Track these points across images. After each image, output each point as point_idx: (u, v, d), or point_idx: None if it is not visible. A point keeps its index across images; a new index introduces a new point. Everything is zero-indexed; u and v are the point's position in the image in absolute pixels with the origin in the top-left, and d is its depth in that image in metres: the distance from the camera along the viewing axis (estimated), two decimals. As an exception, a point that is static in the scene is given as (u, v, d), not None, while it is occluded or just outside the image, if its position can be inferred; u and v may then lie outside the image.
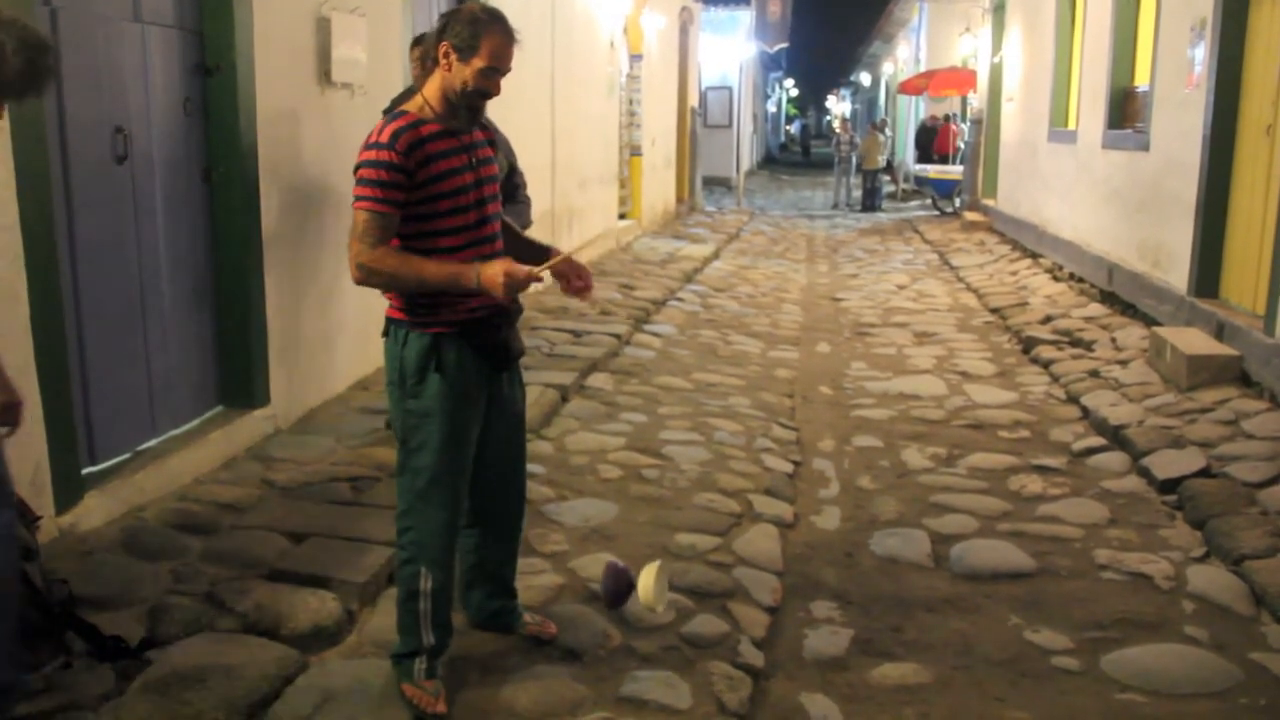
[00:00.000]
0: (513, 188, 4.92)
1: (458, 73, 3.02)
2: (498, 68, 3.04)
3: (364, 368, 6.34)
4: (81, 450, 4.24)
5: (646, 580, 3.32)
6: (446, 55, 3.02)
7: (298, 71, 5.62)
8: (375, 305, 5.00)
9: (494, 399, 3.31)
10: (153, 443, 4.77)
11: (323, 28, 5.82)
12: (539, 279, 3.06)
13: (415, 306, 3.10)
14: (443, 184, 3.04)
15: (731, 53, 25.43)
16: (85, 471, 4.28)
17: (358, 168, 3.00)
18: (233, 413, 5.24)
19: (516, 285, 2.98)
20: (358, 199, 2.98)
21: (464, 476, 3.27)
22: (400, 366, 3.13)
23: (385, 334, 3.21)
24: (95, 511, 4.20)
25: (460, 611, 3.58)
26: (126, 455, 4.59)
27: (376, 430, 5.52)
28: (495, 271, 2.96)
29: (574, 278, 3.31)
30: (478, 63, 3.00)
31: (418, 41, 4.97)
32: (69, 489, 4.10)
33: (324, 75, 5.86)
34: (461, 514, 3.32)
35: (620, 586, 3.45)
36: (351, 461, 5.04)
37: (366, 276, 3.00)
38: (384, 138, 2.96)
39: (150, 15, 4.66)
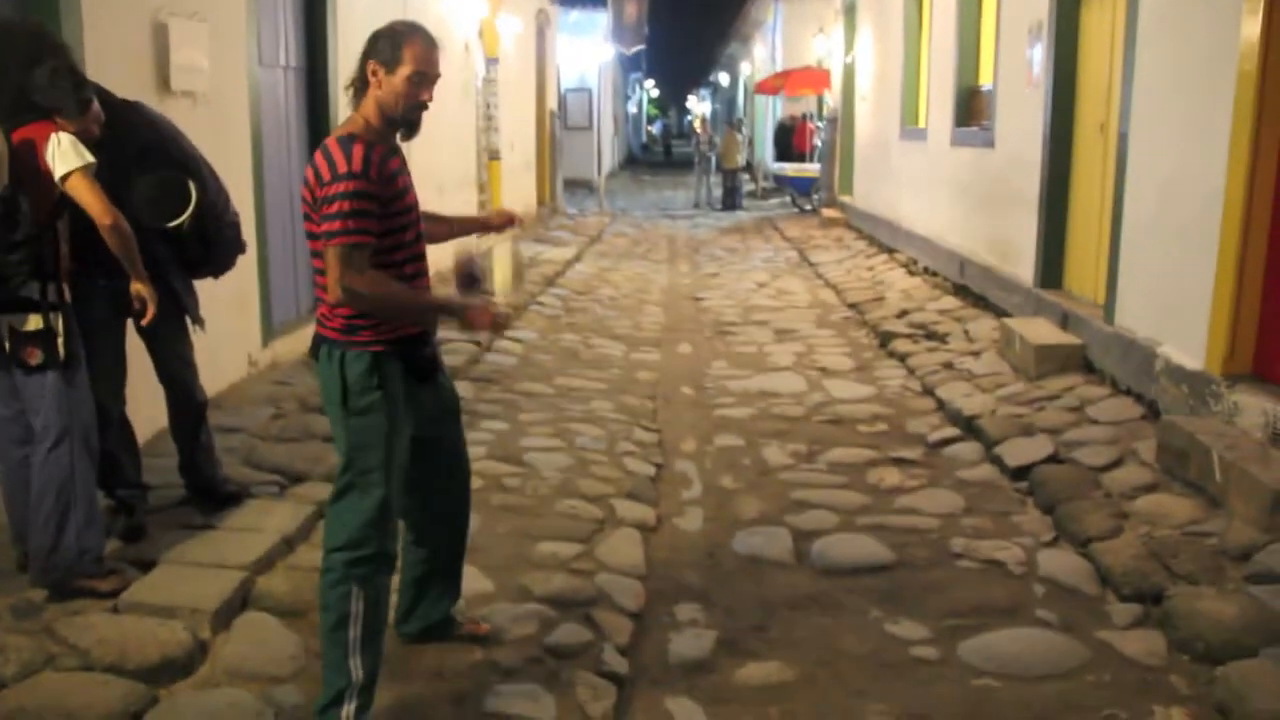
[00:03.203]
0: (216, 219, 4.42)
1: (388, 87, 3.08)
2: (425, 72, 3.11)
3: (216, 384, 6.14)
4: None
5: (500, 262, 3.45)
6: (374, 73, 3.09)
7: (134, 79, 5.39)
8: (223, 323, 4.85)
9: (421, 406, 3.35)
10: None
11: (160, 33, 5.63)
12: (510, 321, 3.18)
13: (354, 327, 3.11)
14: (400, 202, 3.13)
15: (590, 55, 25.45)
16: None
17: (330, 200, 2.98)
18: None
19: (502, 324, 3.25)
20: (340, 232, 2.97)
21: (401, 493, 3.31)
22: (343, 385, 3.12)
23: (313, 354, 3.22)
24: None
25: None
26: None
27: (232, 449, 5.34)
28: (481, 314, 3.19)
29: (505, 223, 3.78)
30: (404, 70, 3.07)
31: None
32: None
33: (163, 83, 5.66)
34: (397, 531, 3.31)
35: (471, 274, 3.49)
36: (201, 482, 4.87)
37: (353, 300, 3.02)
38: (356, 165, 2.97)
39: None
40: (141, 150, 4.23)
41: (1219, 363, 5.41)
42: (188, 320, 4.52)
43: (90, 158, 3.69)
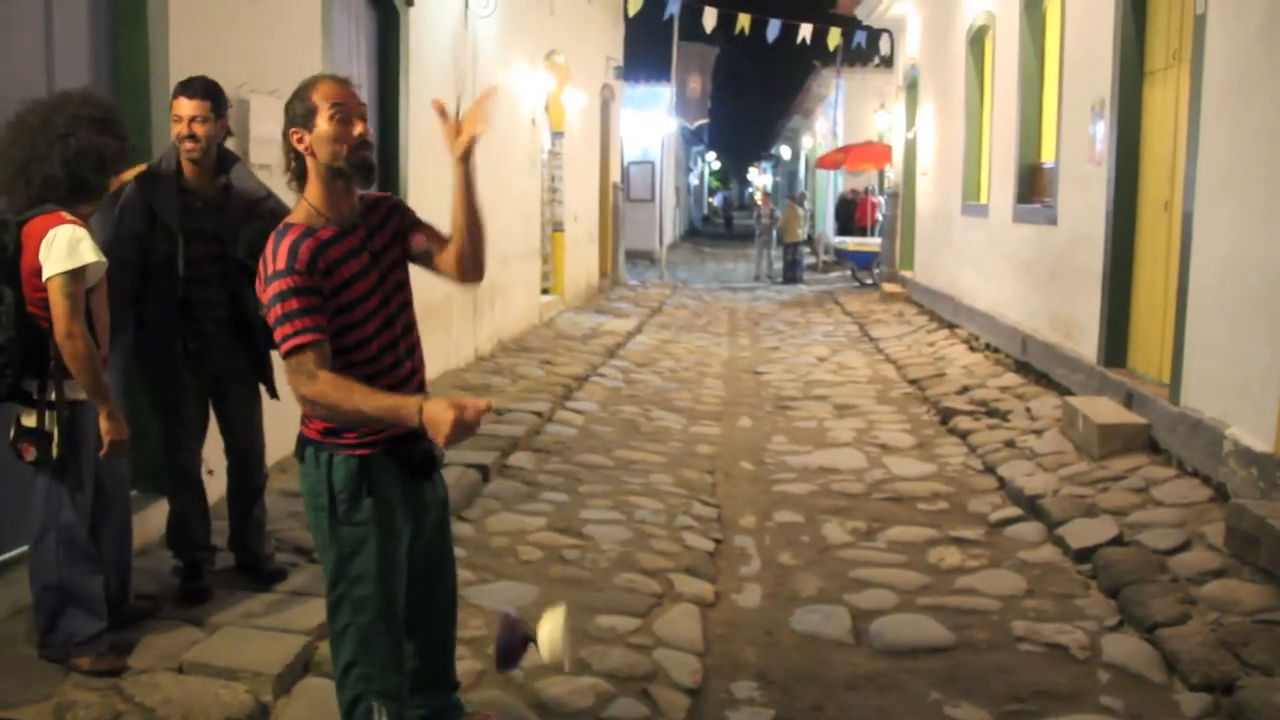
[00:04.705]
0: None
1: (317, 141, 2.83)
2: (343, 103, 2.84)
3: (283, 448, 6.24)
4: (-17, 542, 4.14)
5: (550, 629, 3.00)
6: (300, 140, 2.84)
7: (214, 153, 5.59)
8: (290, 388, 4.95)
9: (418, 504, 3.11)
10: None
11: (241, 109, 5.83)
12: (491, 410, 2.73)
13: (336, 429, 2.89)
14: (349, 291, 2.86)
15: (654, 128, 25.79)
16: (-13, 564, 4.17)
17: (269, 305, 2.76)
18: (146, 499, 5.12)
19: (465, 429, 2.62)
20: (283, 340, 2.73)
21: (403, 598, 3.07)
22: (329, 492, 2.90)
23: (300, 456, 2.98)
24: (-2, 604, 4.08)
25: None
26: (31, 546, 4.46)
27: (296, 514, 5.44)
28: (441, 414, 2.61)
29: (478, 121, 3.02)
30: (322, 115, 2.82)
31: None
32: (-31, 583, 3.99)
33: (243, 156, 5.84)
34: (403, 636, 3.12)
35: (514, 641, 3.10)
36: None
37: (311, 409, 2.79)
38: (280, 263, 2.74)
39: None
40: (253, 202, 4.43)
41: (1289, 446, 5.32)
42: (262, 389, 4.63)
43: (89, 259, 3.55)
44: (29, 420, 3.67)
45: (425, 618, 3.29)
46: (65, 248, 3.52)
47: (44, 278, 3.52)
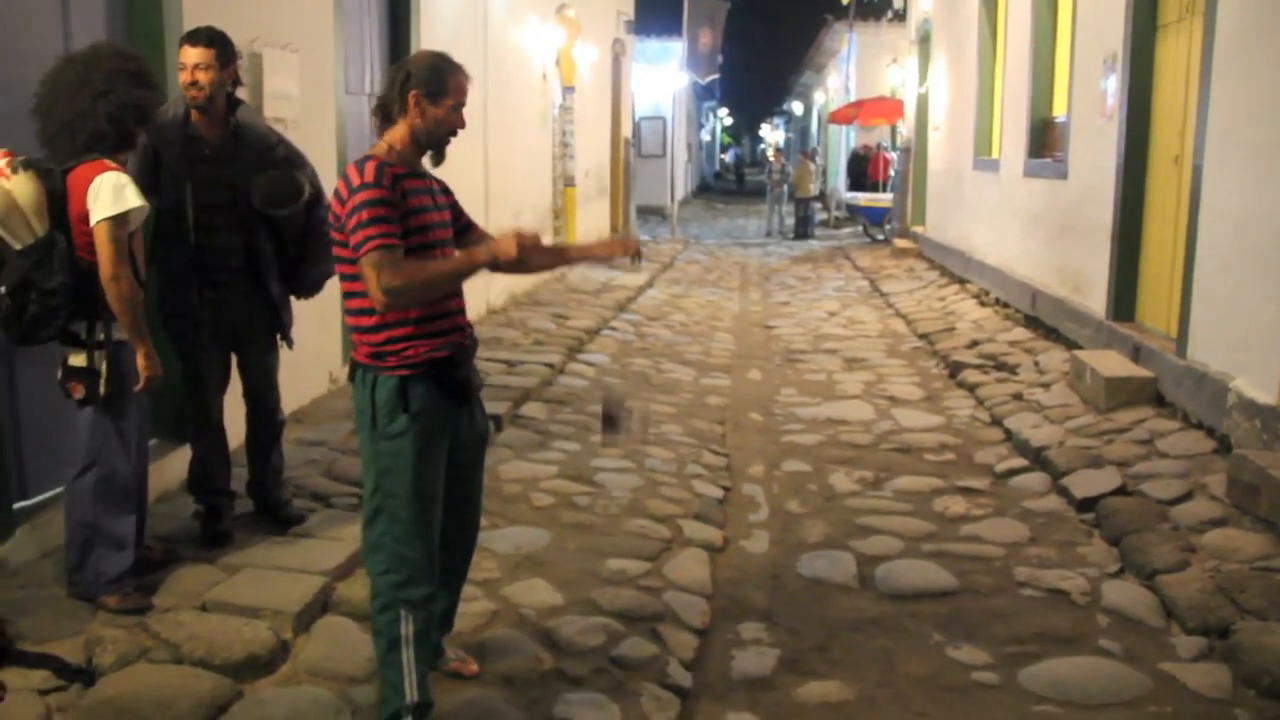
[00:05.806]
0: (319, 222, 4.37)
1: (430, 115, 3.24)
2: (463, 102, 3.31)
3: (299, 399, 6.35)
4: (12, 485, 4.24)
5: (640, 406, 3.71)
6: (418, 103, 3.22)
7: (229, 106, 5.64)
8: (307, 340, 5.04)
9: (457, 433, 3.37)
10: (85, 477, 4.74)
11: (255, 63, 5.87)
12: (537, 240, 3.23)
13: (382, 353, 3.19)
14: (414, 220, 3.19)
15: (665, 83, 25.70)
16: (16, 506, 4.27)
17: (352, 213, 3.07)
18: (167, 445, 5.23)
19: (528, 246, 3.16)
20: (366, 240, 3.04)
21: (437, 514, 3.30)
22: (371, 408, 3.21)
23: (351, 378, 3.31)
24: (27, 546, 4.20)
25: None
26: (59, 489, 4.57)
27: (313, 461, 5.55)
28: (506, 235, 3.18)
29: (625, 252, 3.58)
30: (448, 102, 3.26)
31: None
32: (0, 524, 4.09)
33: (257, 110, 5.89)
34: (436, 551, 3.31)
35: (615, 407, 3.76)
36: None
37: (397, 298, 3.06)
38: (369, 177, 3.09)
39: (80, 53, 4.66)
40: (264, 149, 4.48)
41: (1292, 398, 5.38)
42: (278, 337, 4.71)
43: (133, 203, 3.68)
44: (77, 360, 3.80)
45: (445, 546, 3.43)
46: (111, 194, 3.65)
47: (91, 223, 3.65)
